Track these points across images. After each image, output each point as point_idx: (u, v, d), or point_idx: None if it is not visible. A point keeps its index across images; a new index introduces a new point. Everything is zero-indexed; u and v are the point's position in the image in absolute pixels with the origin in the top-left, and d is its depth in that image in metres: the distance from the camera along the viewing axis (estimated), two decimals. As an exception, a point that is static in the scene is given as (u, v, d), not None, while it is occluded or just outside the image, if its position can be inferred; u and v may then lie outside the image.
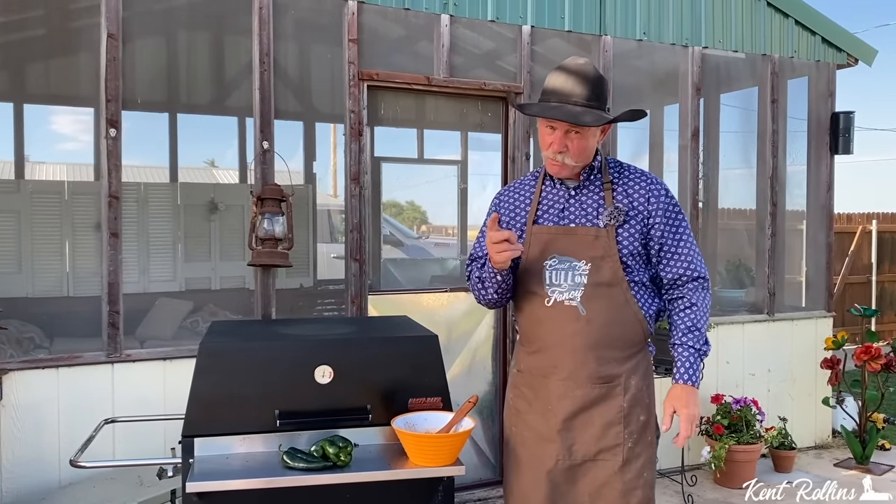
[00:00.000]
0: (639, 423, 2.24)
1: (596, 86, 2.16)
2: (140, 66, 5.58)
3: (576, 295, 2.23)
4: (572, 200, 2.29)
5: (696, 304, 2.24)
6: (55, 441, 3.32)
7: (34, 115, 6.88)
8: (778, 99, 5.21)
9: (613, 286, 2.22)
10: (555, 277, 2.26)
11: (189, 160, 7.90)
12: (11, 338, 4.80)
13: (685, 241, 2.27)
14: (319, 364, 2.36)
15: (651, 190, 2.26)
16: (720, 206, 5.59)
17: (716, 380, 4.89)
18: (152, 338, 5.05)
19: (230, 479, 2.11)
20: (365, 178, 3.93)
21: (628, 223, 2.23)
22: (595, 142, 2.23)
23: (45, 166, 8.33)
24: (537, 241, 2.30)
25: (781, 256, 5.34)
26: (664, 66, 5.08)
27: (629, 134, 5.92)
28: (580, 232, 2.25)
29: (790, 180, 5.47)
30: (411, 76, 4.07)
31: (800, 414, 5.26)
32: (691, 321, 2.23)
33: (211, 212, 6.34)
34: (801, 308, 5.55)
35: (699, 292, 2.26)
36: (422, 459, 2.21)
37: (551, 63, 4.94)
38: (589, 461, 2.23)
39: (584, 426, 2.23)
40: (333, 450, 2.19)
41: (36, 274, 5.60)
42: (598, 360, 2.22)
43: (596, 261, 2.22)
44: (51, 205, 5.70)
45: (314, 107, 6.98)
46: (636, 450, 2.23)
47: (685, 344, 2.22)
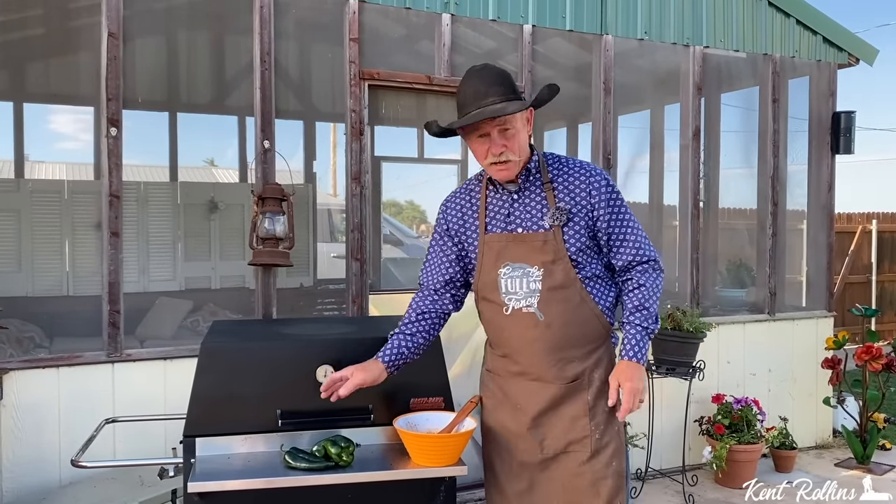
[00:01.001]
0: (604, 414, 2.29)
1: (505, 79, 2.22)
2: (141, 66, 5.57)
3: (532, 301, 2.27)
4: (516, 205, 2.31)
5: (645, 285, 2.28)
6: (55, 441, 3.32)
7: (35, 114, 6.87)
8: (779, 98, 5.20)
9: (567, 287, 2.25)
10: (510, 285, 2.30)
11: (189, 159, 7.89)
12: (12, 337, 4.79)
13: (631, 228, 2.30)
14: (321, 364, 2.37)
15: (591, 183, 2.27)
16: (721, 205, 5.59)
17: (717, 379, 4.89)
18: (153, 337, 5.04)
19: (231, 479, 2.11)
20: (366, 177, 3.92)
21: (572, 220, 2.25)
22: (526, 135, 2.27)
23: (46, 165, 8.32)
24: (490, 249, 2.33)
25: (782, 256, 5.33)
26: (665, 65, 5.08)
27: (630, 133, 5.93)
28: (528, 238, 2.27)
29: (791, 180, 5.47)
30: (412, 75, 4.06)
31: (800, 414, 5.26)
32: (639, 300, 2.27)
33: (211, 211, 6.33)
34: (801, 308, 5.55)
35: (648, 273, 2.30)
36: (424, 459, 2.20)
37: (552, 62, 4.96)
38: (561, 453, 2.30)
39: (553, 422, 2.30)
40: (335, 450, 2.19)
41: (36, 273, 5.59)
42: (560, 361, 2.28)
43: (548, 265, 2.25)
44: (51, 204, 5.70)
45: (314, 106, 6.98)
46: (603, 440, 2.28)
47: (632, 322, 2.27)
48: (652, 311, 2.28)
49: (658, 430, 4.61)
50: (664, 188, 5.84)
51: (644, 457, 4.55)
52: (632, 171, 5.67)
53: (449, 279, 2.42)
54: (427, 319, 2.41)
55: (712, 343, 4.66)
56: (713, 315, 5.02)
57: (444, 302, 2.43)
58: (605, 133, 4.63)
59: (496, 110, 2.15)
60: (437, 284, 2.42)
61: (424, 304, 2.42)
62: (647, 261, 2.31)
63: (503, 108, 2.15)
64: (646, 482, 4.53)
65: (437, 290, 2.43)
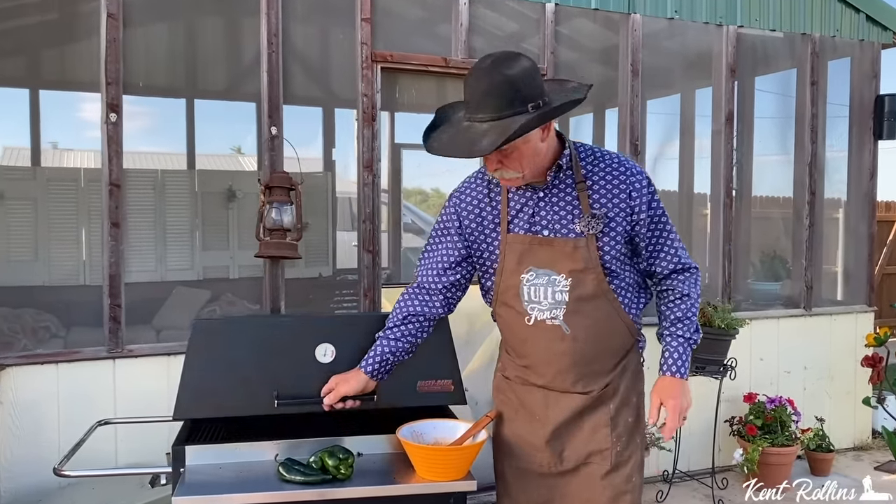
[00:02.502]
0: (626, 424, 2.15)
1: (505, 91, 1.83)
2: (155, 50, 5.44)
3: (558, 313, 2.06)
4: (542, 203, 2.05)
5: (689, 295, 2.13)
6: (55, 439, 3.19)
7: (65, 101, 6.79)
8: (818, 81, 4.92)
9: (598, 297, 2.06)
10: (533, 294, 2.08)
11: (207, 147, 7.77)
12: (27, 327, 4.70)
13: (671, 234, 2.13)
14: (321, 342, 2.25)
15: (632, 183, 2.03)
16: (754, 193, 5.32)
17: (749, 378, 4.65)
18: (169, 327, 4.92)
19: (220, 493, 1.95)
20: (378, 165, 3.74)
21: (609, 226, 2.02)
22: (538, 145, 1.94)
23: (75, 154, 8.26)
24: (512, 250, 2.09)
25: (819, 247, 5.06)
26: (696, 46, 4.81)
27: (659, 119, 5.68)
28: (556, 243, 2.03)
29: (828, 167, 5.19)
30: (427, 57, 3.85)
31: (838, 413, 5.00)
32: (682, 312, 2.12)
33: (229, 199, 6.21)
34: (838, 302, 5.28)
35: (690, 283, 2.14)
36: (429, 473, 2.03)
37: (576, 44, 4.72)
38: (581, 465, 2.15)
39: (574, 432, 2.15)
40: (333, 462, 2.02)
41: (52, 262, 5.52)
42: (586, 374, 2.12)
43: (576, 274, 2.03)
44: (67, 192, 5.61)
45: (333, 92, 6.80)
46: (625, 453, 2.13)
47: (674, 334, 2.12)
48: (694, 321, 2.14)
49: (686, 431, 4.38)
50: (694, 176, 5.59)
51: (671, 459, 4.33)
52: (660, 158, 5.43)
53: (448, 282, 2.21)
54: (413, 323, 2.22)
55: (744, 339, 4.41)
56: (745, 309, 4.77)
57: (435, 305, 2.23)
58: (632, 117, 4.40)
59: (462, 149, 1.86)
60: (434, 285, 2.22)
61: (413, 306, 2.22)
62: (687, 268, 2.15)
63: (470, 148, 1.84)
64: (673, 485, 4.32)
65: (431, 290, 2.22)
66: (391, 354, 2.18)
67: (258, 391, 2.20)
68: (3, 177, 5.66)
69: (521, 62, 1.88)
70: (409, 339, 2.21)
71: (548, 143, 1.98)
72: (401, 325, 2.21)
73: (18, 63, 6.03)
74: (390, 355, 2.18)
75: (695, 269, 2.16)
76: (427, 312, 2.22)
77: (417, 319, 2.22)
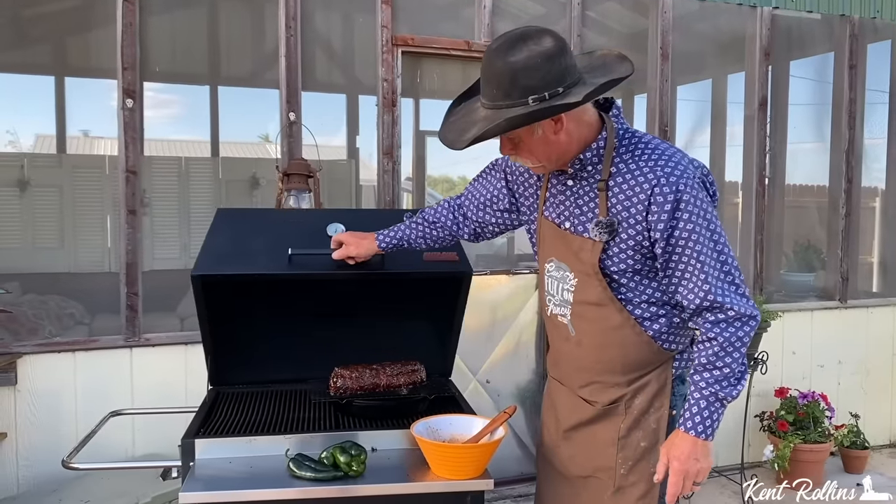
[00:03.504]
0: (637, 448, 1.91)
1: (504, 80, 1.66)
2: (178, 36, 5.40)
3: (565, 312, 1.94)
4: (568, 193, 1.88)
5: (715, 339, 1.75)
6: (72, 428, 3.18)
7: (77, 88, 6.80)
8: (857, 64, 4.73)
9: (603, 306, 1.86)
10: (550, 286, 1.99)
11: (231, 134, 7.74)
12: (52, 314, 4.71)
13: (705, 264, 1.73)
14: (331, 221, 2.40)
15: (653, 195, 1.72)
16: (787, 182, 5.15)
17: (780, 371, 4.51)
18: (193, 315, 4.90)
19: (229, 488, 1.89)
20: (398, 152, 3.66)
21: (620, 237, 1.78)
22: (550, 137, 1.74)
23: (93, 140, 8.29)
24: (542, 235, 1.99)
25: (856, 238, 4.89)
26: (729, 29, 4.65)
27: (688, 105, 5.51)
28: (571, 240, 1.87)
29: (866, 155, 5.00)
30: (449, 41, 3.76)
31: (873, 409, 4.84)
32: (706, 358, 1.76)
33: (252, 187, 6.19)
34: (876, 294, 5.10)
35: (721, 326, 1.74)
36: (445, 471, 1.94)
37: (605, 28, 4.58)
38: (590, 477, 1.99)
39: (585, 440, 2.00)
40: (345, 458, 1.94)
41: (79, 249, 5.53)
42: (594, 385, 1.96)
43: (582, 276, 1.87)
44: (92, 179, 5.62)
45: (357, 78, 6.72)
46: (630, 478, 1.92)
47: (696, 384, 1.78)
48: (726, 373, 1.75)
49: (715, 426, 4.26)
50: (726, 164, 5.43)
51: (699, 454, 4.21)
52: (690, 146, 5.28)
53: (481, 220, 2.18)
54: (440, 231, 2.24)
55: (776, 332, 4.27)
56: (777, 301, 4.63)
57: (464, 230, 2.23)
58: (661, 102, 4.26)
59: (452, 140, 1.74)
60: (469, 213, 2.20)
61: (446, 217, 2.23)
62: (719, 307, 1.73)
63: (456, 140, 1.73)
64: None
65: (467, 217, 2.21)
66: (407, 241, 2.22)
67: (272, 258, 2.30)
68: (29, 164, 5.68)
69: (529, 46, 1.65)
70: (430, 240, 2.25)
71: (570, 134, 1.76)
72: (428, 226, 2.23)
73: (43, 51, 6.03)
74: (406, 242, 2.22)
75: (731, 310, 1.73)
76: (455, 231, 2.23)
77: (444, 230, 2.23)
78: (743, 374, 1.77)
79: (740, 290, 1.76)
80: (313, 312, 2.58)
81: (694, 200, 1.72)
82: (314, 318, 2.58)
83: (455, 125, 1.80)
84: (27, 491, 3.10)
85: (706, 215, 1.74)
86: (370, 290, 2.58)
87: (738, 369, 1.76)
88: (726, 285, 1.74)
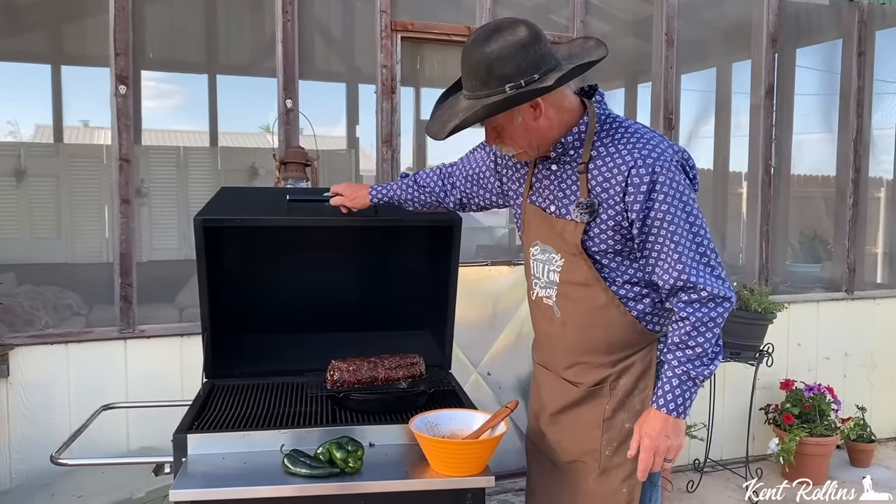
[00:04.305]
0: (622, 430, 1.93)
1: (481, 70, 1.72)
2: (174, 24, 5.32)
3: (551, 293, 1.96)
4: (553, 178, 1.94)
5: (687, 319, 1.76)
6: (65, 421, 3.12)
7: (73, 77, 6.72)
8: (865, 51, 4.65)
9: (591, 286, 1.88)
10: (536, 268, 2.00)
11: (229, 124, 7.67)
12: (48, 305, 4.65)
13: (678, 244, 1.75)
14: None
15: (630, 176, 1.75)
16: (792, 172, 5.07)
17: (785, 363, 4.44)
18: (194, 305, 4.83)
19: (221, 485, 1.83)
20: (398, 140, 3.58)
21: (600, 219, 1.81)
22: (531, 123, 1.80)
23: (91, 130, 8.21)
24: (527, 221, 2.02)
25: (863, 228, 4.82)
26: (735, 16, 4.57)
27: (692, 95, 5.43)
28: (555, 222, 1.91)
29: (875, 145, 4.92)
30: (450, 26, 3.68)
31: (880, 402, 4.77)
32: (679, 337, 1.78)
33: (251, 176, 6.13)
34: (883, 285, 5.03)
35: (694, 306, 1.76)
36: (444, 468, 1.88)
37: (608, 15, 4.49)
38: (576, 461, 2.00)
39: (571, 424, 2.01)
40: (341, 454, 1.88)
41: (76, 240, 5.47)
42: (578, 365, 1.97)
43: (569, 257, 1.90)
44: (90, 169, 5.55)
45: (356, 66, 6.64)
46: (615, 459, 1.93)
47: (669, 362, 1.80)
48: (698, 352, 1.77)
49: (719, 418, 4.20)
50: (730, 154, 5.35)
51: (703, 447, 4.16)
52: (695, 136, 5.20)
53: (467, 192, 2.22)
54: (428, 196, 2.27)
55: (782, 323, 4.21)
56: (783, 292, 4.56)
57: (450, 199, 2.26)
58: (666, 90, 4.18)
59: (435, 132, 1.84)
60: (458, 182, 2.23)
61: (435, 184, 2.26)
62: (692, 287, 1.75)
63: (439, 131, 1.81)
64: (704, 474, 4.15)
65: (455, 185, 2.24)
66: (398, 200, 2.29)
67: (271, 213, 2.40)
68: (26, 153, 5.61)
69: (504, 36, 1.71)
70: (417, 203, 2.30)
71: (550, 120, 1.82)
72: (418, 189, 2.27)
73: (39, 39, 5.95)
74: (396, 200, 2.29)
75: (705, 291, 1.74)
76: (442, 198, 2.26)
77: (431, 195, 2.26)
78: (717, 354, 1.80)
79: (716, 271, 1.78)
80: (311, 264, 2.65)
81: (669, 182, 1.75)
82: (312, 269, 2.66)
83: (440, 118, 1.87)
84: (20, 485, 3.04)
85: (682, 197, 1.77)
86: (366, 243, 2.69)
87: (711, 349, 1.78)
88: (701, 266, 1.77)
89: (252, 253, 2.66)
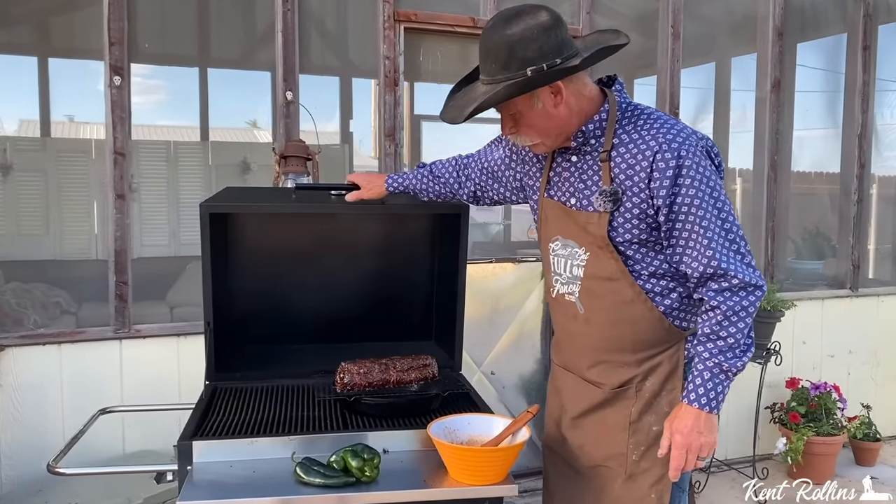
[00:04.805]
0: (650, 433, 1.86)
1: (500, 53, 1.68)
2: (166, 15, 5.20)
3: (574, 289, 1.88)
4: (573, 169, 1.87)
5: (719, 308, 1.70)
6: (58, 424, 3.01)
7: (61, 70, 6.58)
8: (870, 46, 4.59)
9: (616, 280, 1.81)
10: (557, 264, 1.92)
11: (220, 118, 7.55)
12: (37, 303, 4.53)
13: (707, 230, 1.68)
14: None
15: (655, 161, 1.69)
16: (793, 168, 5.01)
17: (790, 362, 4.38)
18: (184, 304, 4.72)
19: (230, 496, 1.73)
20: (400, 134, 3.49)
21: (624, 207, 1.74)
22: (550, 110, 1.74)
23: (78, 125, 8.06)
24: (545, 216, 1.95)
25: (867, 225, 4.77)
26: (741, 8, 4.50)
27: (691, 93, 5.37)
28: (577, 215, 1.84)
29: (879, 141, 4.87)
30: (454, 17, 3.58)
31: (885, 400, 4.73)
32: (710, 328, 1.71)
33: (243, 172, 6.02)
34: (887, 282, 4.99)
35: (726, 294, 1.69)
36: (465, 476, 1.79)
37: (612, 12, 4.40)
38: (600, 466, 1.92)
39: (595, 427, 1.93)
40: (357, 462, 1.79)
41: (64, 236, 5.35)
42: (603, 364, 1.90)
43: (594, 250, 1.82)
44: (78, 164, 5.43)
45: (351, 60, 6.54)
46: (642, 464, 1.86)
47: (700, 355, 1.74)
48: (731, 343, 1.70)
49: (724, 418, 4.14)
50: (729, 149, 5.29)
51: (709, 447, 4.09)
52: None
53: (481, 184, 2.18)
54: (443, 186, 2.24)
55: (787, 321, 4.15)
56: (786, 290, 4.50)
57: (464, 190, 2.22)
58: (671, 84, 4.11)
59: (452, 117, 1.78)
60: (473, 174, 2.19)
61: (450, 174, 2.22)
62: (723, 275, 1.68)
63: (457, 116, 1.76)
64: (711, 474, 4.09)
65: (470, 177, 2.19)
66: (413, 189, 2.25)
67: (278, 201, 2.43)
68: (11, 148, 5.47)
69: (525, 20, 1.68)
70: (432, 193, 2.26)
71: (570, 107, 1.76)
72: (433, 179, 2.23)
73: (25, 31, 5.81)
74: (411, 189, 2.25)
75: (736, 278, 1.68)
76: (455, 189, 2.23)
77: (446, 186, 2.23)
78: (749, 346, 1.74)
79: (746, 259, 1.72)
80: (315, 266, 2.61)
81: (696, 167, 1.69)
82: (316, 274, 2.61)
83: (455, 105, 1.83)
84: (11, 491, 2.93)
85: (710, 182, 1.70)
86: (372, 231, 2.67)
87: (744, 340, 1.72)
88: (731, 253, 1.70)
89: (253, 252, 2.57)
